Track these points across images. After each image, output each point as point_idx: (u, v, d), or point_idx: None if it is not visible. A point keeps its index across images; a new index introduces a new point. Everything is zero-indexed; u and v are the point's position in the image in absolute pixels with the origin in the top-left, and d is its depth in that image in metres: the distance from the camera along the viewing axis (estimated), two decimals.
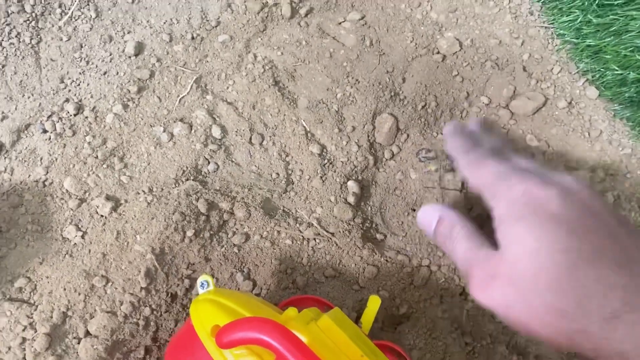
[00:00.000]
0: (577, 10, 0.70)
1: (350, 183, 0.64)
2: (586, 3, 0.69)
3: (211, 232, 0.60)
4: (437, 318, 0.58)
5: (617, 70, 0.67)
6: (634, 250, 0.38)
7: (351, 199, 0.63)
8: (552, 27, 0.73)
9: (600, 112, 0.70)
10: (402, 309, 0.59)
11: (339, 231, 0.62)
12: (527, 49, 0.73)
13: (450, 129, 0.49)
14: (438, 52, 0.72)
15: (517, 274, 0.39)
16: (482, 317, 0.60)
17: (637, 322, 0.34)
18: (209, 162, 0.64)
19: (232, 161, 0.65)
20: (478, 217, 0.46)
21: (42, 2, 0.70)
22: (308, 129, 0.67)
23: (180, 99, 0.67)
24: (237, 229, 0.61)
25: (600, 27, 0.68)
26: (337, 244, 0.61)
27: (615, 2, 0.66)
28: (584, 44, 0.70)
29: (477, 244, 0.44)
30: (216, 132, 0.65)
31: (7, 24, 0.69)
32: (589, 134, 0.69)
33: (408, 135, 0.68)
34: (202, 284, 0.49)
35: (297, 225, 0.62)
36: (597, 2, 0.68)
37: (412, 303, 0.59)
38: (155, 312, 0.57)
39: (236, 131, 0.66)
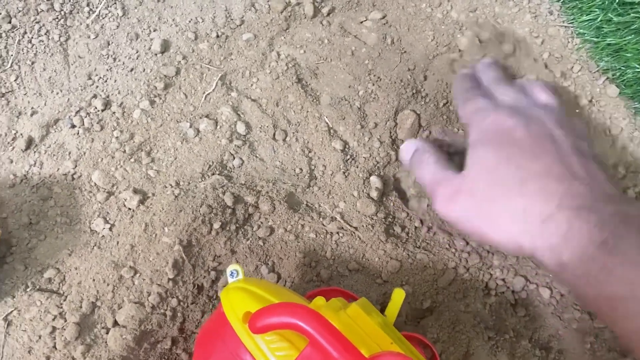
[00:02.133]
0: (597, 9, 0.71)
1: (373, 178, 0.65)
2: (606, 2, 0.70)
3: (237, 225, 0.61)
4: (460, 312, 0.59)
5: (637, 68, 0.68)
6: (578, 169, 0.45)
7: (374, 194, 0.64)
8: (571, 26, 0.74)
9: (621, 110, 0.70)
10: (425, 303, 0.59)
11: (362, 225, 0.62)
12: (547, 48, 0.73)
13: (458, 76, 0.60)
14: (459, 50, 0.73)
15: (476, 188, 0.48)
16: (505, 312, 0.60)
17: (565, 219, 0.41)
18: (234, 157, 0.65)
19: (257, 156, 0.66)
20: None
21: (71, 0, 0.71)
22: (330, 126, 0.67)
23: (205, 96, 0.68)
24: (262, 223, 0.62)
25: (621, 25, 0.69)
26: (360, 238, 0.62)
27: (637, 0, 0.66)
28: (604, 42, 0.71)
29: (444, 167, 0.52)
30: (241, 128, 0.66)
31: (37, 22, 0.70)
32: (609, 132, 0.69)
33: (430, 132, 0.68)
34: (232, 273, 0.49)
35: (321, 219, 0.63)
36: (617, 0, 0.68)
37: (435, 297, 0.59)
38: (182, 304, 0.58)
39: (260, 127, 0.67)
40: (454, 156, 0.64)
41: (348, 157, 0.66)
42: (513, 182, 0.44)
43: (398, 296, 0.54)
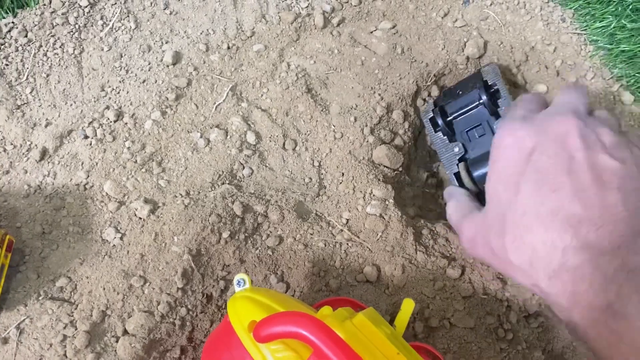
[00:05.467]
0: (610, 16, 0.70)
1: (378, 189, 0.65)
2: (619, 8, 0.69)
3: (246, 234, 0.61)
4: (471, 323, 0.58)
5: None
6: (591, 206, 0.38)
7: (378, 206, 0.64)
8: (584, 34, 0.73)
9: (635, 118, 0.69)
10: (436, 315, 0.59)
11: (370, 236, 0.62)
12: (559, 56, 0.73)
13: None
14: (469, 59, 0.72)
15: (491, 230, 0.44)
16: (517, 323, 0.59)
17: (570, 279, 0.37)
18: (244, 167, 0.65)
19: (266, 166, 0.66)
20: None
21: (85, 14, 0.73)
22: (340, 135, 0.67)
23: (216, 106, 0.68)
24: (271, 232, 0.62)
25: (635, 32, 0.68)
26: (369, 249, 0.61)
27: None
28: (618, 49, 0.70)
29: (469, 205, 0.52)
30: (251, 138, 0.67)
31: (52, 35, 0.72)
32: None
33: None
34: (239, 282, 0.49)
35: (330, 228, 0.63)
36: (630, 7, 0.68)
37: (447, 310, 0.59)
38: (191, 313, 0.58)
39: (270, 137, 0.68)
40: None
41: (360, 163, 0.66)
42: (521, 225, 0.42)
43: (408, 306, 0.53)
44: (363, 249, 0.61)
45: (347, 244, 0.61)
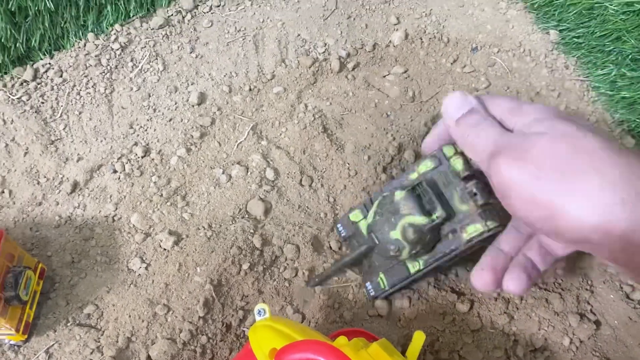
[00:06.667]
0: (611, 65, 0.74)
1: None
2: (619, 57, 0.73)
3: (264, 266, 0.64)
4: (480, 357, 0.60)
5: None
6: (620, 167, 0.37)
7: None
8: (587, 80, 0.77)
9: None
10: (445, 348, 0.61)
11: None
12: (563, 101, 0.77)
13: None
14: None
15: (556, 154, 0.39)
16: (524, 357, 0.61)
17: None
18: (263, 202, 0.69)
19: (284, 201, 0.70)
20: None
21: (116, 56, 0.78)
22: (354, 173, 0.71)
23: (238, 144, 0.73)
24: (287, 264, 0.65)
25: (634, 80, 0.72)
26: None
27: None
28: (619, 96, 0.74)
29: (506, 132, 0.45)
30: (270, 174, 0.70)
31: (85, 76, 0.77)
32: None
33: None
34: (259, 311, 0.52)
35: None
36: (630, 56, 0.72)
37: (456, 343, 0.61)
38: (211, 341, 0.60)
39: (288, 174, 0.71)
40: None
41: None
42: (603, 153, 0.38)
43: (419, 338, 0.56)
44: None
45: (359, 277, 0.64)
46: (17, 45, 0.74)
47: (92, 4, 0.76)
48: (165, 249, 0.65)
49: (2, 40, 0.72)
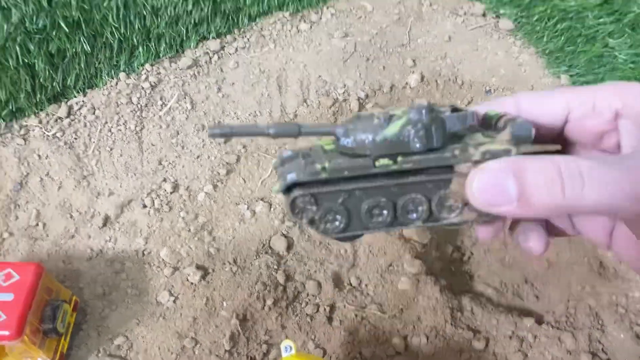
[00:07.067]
0: None
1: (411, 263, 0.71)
2: None
3: (287, 302, 0.67)
4: None
5: None
6: None
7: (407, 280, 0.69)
8: None
9: None
10: None
11: (401, 309, 0.67)
12: None
13: None
14: None
15: None
16: None
17: None
18: (285, 237, 0.72)
19: (306, 237, 0.73)
20: None
21: (147, 95, 0.82)
22: None
23: (262, 181, 0.76)
24: (309, 300, 0.68)
25: None
26: (401, 320, 0.67)
27: None
28: None
29: (606, 160, 0.27)
30: None
31: (117, 114, 0.80)
32: None
33: None
34: (286, 347, 0.55)
35: (363, 298, 0.68)
36: None
37: None
38: None
39: None
40: None
41: (392, 237, 0.72)
42: None
43: None
44: (393, 320, 0.67)
45: (378, 314, 0.67)
46: (54, 84, 0.78)
47: (124, 46, 0.80)
48: (192, 283, 0.68)
49: (41, 80, 0.76)
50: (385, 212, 0.28)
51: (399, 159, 0.28)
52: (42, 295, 0.58)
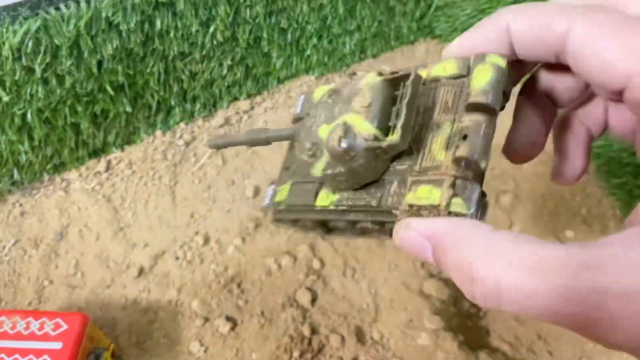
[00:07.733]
0: (628, 175, 0.82)
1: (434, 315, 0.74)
2: (636, 169, 0.81)
3: (312, 354, 0.70)
4: None
5: None
6: None
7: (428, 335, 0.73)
8: (606, 187, 0.85)
9: None
10: None
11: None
12: (584, 204, 0.84)
13: None
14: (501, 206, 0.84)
15: None
16: None
17: None
18: (310, 291, 0.76)
19: (329, 290, 0.76)
20: None
21: (181, 151, 0.87)
22: (394, 266, 0.78)
23: (288, 236, 0.80)
24: (333, 353, 0.71)
25: None
26: None
27: None
28: (636, 201, 0.81)
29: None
30: (316, 264, 0.77)
31: (152, 169, 0.86)
32: None
33: None
34: None
35: (384, 352, 0.71)
36: None
37: None
38: None
39: (332, 264, 0.78)
40: None
41: (412, 293, 0.76)
42: None
43: None
44: None
45: None
46: (95, 141, 0.84)
47: (162, 106, 0.86)
48: (222, 334, 0.71)
49: (84, 137, 0.82)
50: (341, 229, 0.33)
51: (336, 197, 0.31)
52: (87, 343, 0.62)
